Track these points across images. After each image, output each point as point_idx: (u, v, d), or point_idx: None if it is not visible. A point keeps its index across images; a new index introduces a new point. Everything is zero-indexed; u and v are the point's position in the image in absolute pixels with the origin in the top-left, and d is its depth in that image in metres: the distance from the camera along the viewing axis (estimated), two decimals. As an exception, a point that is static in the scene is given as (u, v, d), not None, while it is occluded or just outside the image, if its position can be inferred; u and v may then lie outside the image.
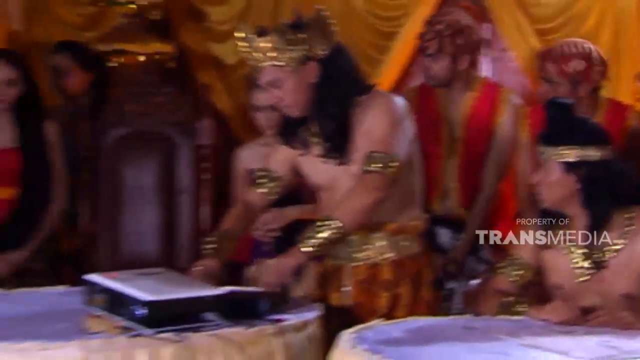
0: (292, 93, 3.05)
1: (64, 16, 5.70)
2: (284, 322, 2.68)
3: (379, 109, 3.09)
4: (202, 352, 2.49)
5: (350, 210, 3.00)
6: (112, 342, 2.45)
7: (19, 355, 2.38)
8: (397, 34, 5.06)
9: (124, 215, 5.06)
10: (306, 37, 3.02)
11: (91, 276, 2.71)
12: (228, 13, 5.50)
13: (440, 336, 2.40)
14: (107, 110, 5.10)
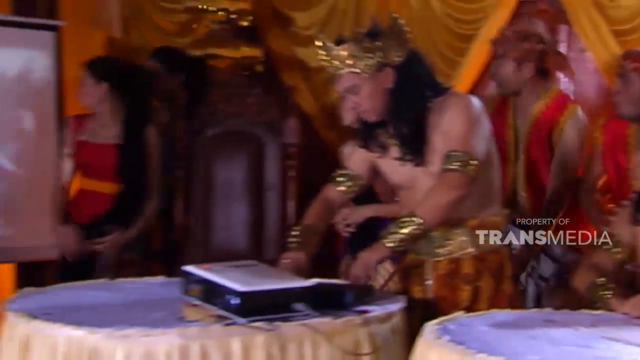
0: (368, 99, 3.04)
1: (159, 23, 5.78)
2: (369, 313, 2.69)
3: (456, 109, 3.06)
4: (292, 340, 2.51)
5: (431, 207, 2.97)
6: (208, 330, 2.48)
7: (122, 341, 2.42)
8: (475, 37, 5.00)
9: (215, 210, 5.10)
10: (382, 44, 3.01)
11: (188, 267, 2.74)
12: (312, 18, 5.51)
13: (521, 328, 2.37)
14: (200, 111, 5.16)
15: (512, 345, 2.17)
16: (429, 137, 3.04)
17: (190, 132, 5.06)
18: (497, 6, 4.98)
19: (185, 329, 2.47)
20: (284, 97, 5.21)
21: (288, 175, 5.02)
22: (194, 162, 5.08)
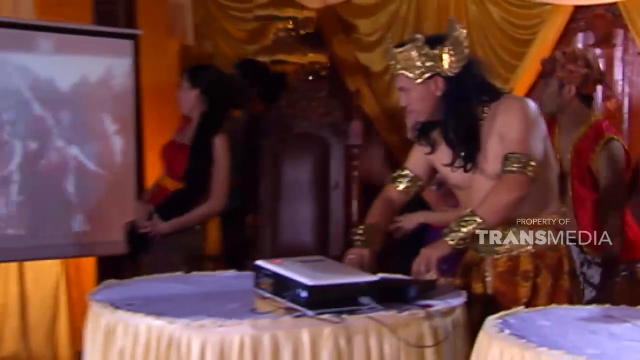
0: (417, 101, 3.04)
1: (230, 31, 5.83)
2: (432, 307, 2.67)
3: (512, 111, 3.02)
4: (358, 332, 2.51)
5: (491, 207, 2.95)
6: (279, 321, 2.49)
7: (198, 331, 2.45)
8: (533, 41, 4.95)
9: (283, 208, 5.13)
10: (438, 53, 2.99)
11: (259, 262, 2.76)
12: (374, 25, 5.52)
13: (581, 323, 2.34)
14: (269, 114, 5.20)
15: (572, 339, 2.14)
16: (484, 142, 3.02)
17: (259, 134, 5.11)
18: (554, 11, 4.93)
19: (257, 320, 2.48)
20: (348, 101, 5.22)
21: (352, 175, 5.03)
22: (263, 163, 5.12)
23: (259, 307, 2.65)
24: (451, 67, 3.00)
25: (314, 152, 5.14)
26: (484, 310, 2.85)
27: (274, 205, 5.12)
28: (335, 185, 5.07)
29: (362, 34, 5.54)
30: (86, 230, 4.84)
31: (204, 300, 2.79)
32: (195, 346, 2.44)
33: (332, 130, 5.10)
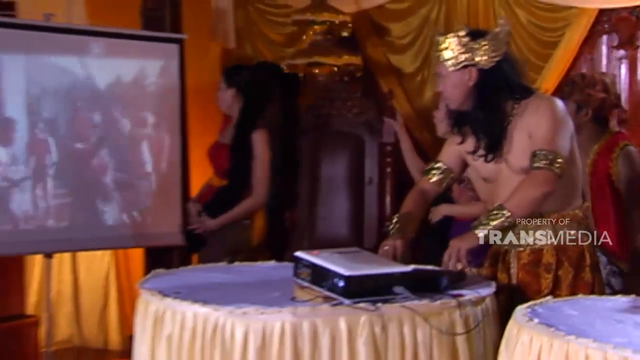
0: (450, 88, 3.06)
1: (269, 35, 5.85)
2: (463, 297, 2.67)
3: (541, 110, 3.01)
4: (392, 320, 2.50)
5: (519, 202, 2.93)
6: (317, 309, 2.49)
7: (241, 318, 2.46)
8: (558, 43, 4.91)
9: (320, 203, 5.14)
10: (477, 46, 2.99)
11: (299, 253, 2.76)
12: (406, 28, 5.49)
13: (607, 313, 2.31)
14: (306, 114, 5.21)
15: (599, 328, 2.12)
16: (512, 137, 3.01)
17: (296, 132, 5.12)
18: (579, 15, 4.87)
19: (297, 308, 2.49)
20: (381, 101, 5.21)
21: (385, 171, 5.02)
22: (301, 159, 5.12)
23: (298, 295, 2.65)
24: (486, 61, 2.99)
25: (349, 150, 5.14)
26: (509, 300, 2.86)
27: (312, 200, 5.13)
28: (370, 181, 5.07)
29: (394, 37, 5.52)
30: (137, 224, 4.86)
31: (246, 289, 2.81)
32: (238, 332, 2.46)
33: (367, 129, 5.10)
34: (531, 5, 5.04)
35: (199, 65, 5.22)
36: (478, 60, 3.00)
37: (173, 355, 2.57)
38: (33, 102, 4.59)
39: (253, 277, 3.05)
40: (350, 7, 5.44)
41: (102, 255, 5.86)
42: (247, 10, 5.89)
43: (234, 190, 4.30)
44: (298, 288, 2.69)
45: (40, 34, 4.66)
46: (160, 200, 4.90)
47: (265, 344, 2.44)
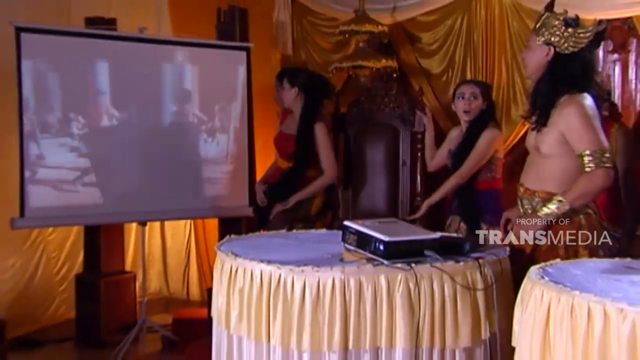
0: (531, 57, 3.02)
1: (320, 43, 5.83)
2: (483, 258, 2.64)
3: (568, 110, 2.88)
4: (424, 278, 2.49)
5: (577, 196, 2.83)
6: (362, 268, 2.49)
7: (299, 274, 2.47)
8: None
9: (363, 181, 5.13)
10: (563, 32, 2.92)
11: (347, 222, 2.76)
12: (434, 37, 5.42)
13: (607, 273, 2.26)
14: (351, 108, 5.19)
15: (599, 285, 2.08)
16: (551, 120, 2.91)
17: (344, 125, 5.12)
18: (581, 24, 4.75)
19: (345, 267, 2.48)
20: (413, 97, 5.17)
21: (417, 155, 4.99)
22: (348, 146, 5.12)
23: (346, 257, 2.65)
24: (565, 47, 2.92)
25: (387, 138, 5.11)
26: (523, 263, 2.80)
27: (357, 179, 5.12)
28: (403, 163, 5.05)
29: (424, 44, 5.45)
30: (214, 198, 4.91)
31: (303, 252, 2.80)
32: (297, 286, 2.47)
33: (401, 120, 5.06)
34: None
35: (263, 68, 5.23)
36: (559, 45, 2.92)
37: (244, 304, 2.59)
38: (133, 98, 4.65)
39: (308, 242, 3.05)
40: (387, 19, 5.39)
41: (184, 224, 5.94)
42: (302, 23, 5.87)
43: (299, 170, 4.26)
44: (346, 251, 2.69)
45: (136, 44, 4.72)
46: (232, 180, 4.94)
47: (319, 296, 2.45)
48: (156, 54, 4.79)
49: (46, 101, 4.39)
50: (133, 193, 4.59)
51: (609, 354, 1.86)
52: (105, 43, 4.57)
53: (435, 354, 2.52)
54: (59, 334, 4.95)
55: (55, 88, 4.43)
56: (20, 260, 4.98)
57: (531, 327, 2.08)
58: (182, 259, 6.01)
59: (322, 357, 2.48)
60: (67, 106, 4.45)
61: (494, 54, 5.06)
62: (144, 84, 4.70)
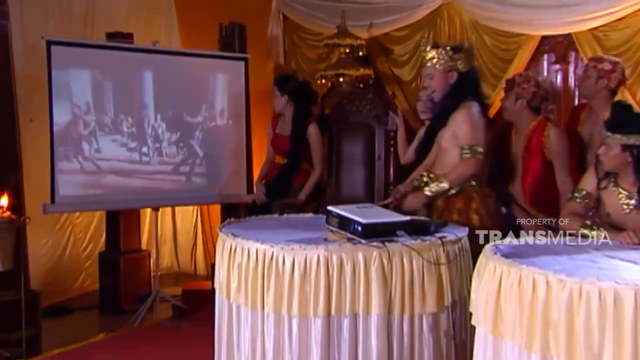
0: (437, 85, 3.21)
1: (307, 54, 5.78)
2: (445, 238, 2.64)
3: (464, 114, 3.14)
4: (395, 254, 2.49)
5: (455, 176, 3.13)
6: (343, 247, 2.49)
7: (290, 252, 2.46)
8: (513, 60, 4.79)
9: (344, 173, 5.10)
10: (457, 57, 3.16)
11: (330, 207, 2.75)
12: (405, 49, 5.37)
13: (549, 249, 2.27)
14: (334, 110, 5.17)
15: (543, 260, 2.09)
16: (449, 123, 3.16)
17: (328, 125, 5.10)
18: (527, 39, 4.75)
19: (328, 245, 2.49)
20: (387, 100, 5.15)
21: (390, 150, 4.97)
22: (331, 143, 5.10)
23: (329, 237, 2.65)
24: (463, 67, 3.16)
25: (364, 135, 5.06)
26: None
27: (338, 171, 5.09)
28: (379, 157, 5.02)
29: (396, 55, 5.41)
30: (217, 187, 4.88)
31: (293, 232, 2.80)
32: (288, 262, 2.46)
33: (377, 120, 5.04)
34: (493, 32, 4.92)
35: (259, 76, 5.19)
36: (458, 67, 3.15)
37: (242, 277, 2.58)
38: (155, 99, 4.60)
39: (298, 224, 3.05)
40: (364, 34, 5.35)
41: (192, 209, 5.91)
42: (292, 37, 5.82)
43: (293, 166, 4.27)
44: (329, 232, 2.69)
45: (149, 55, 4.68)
46: (232, 172, 4.91)
47: (306, 270, 2.45)
48: (167, 63, 4.74)
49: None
50: (149, 183, 4.56)
51: (550, 318, 1.88)
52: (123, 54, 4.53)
53: (405, 319, 2.53)
54: (85, 303, 4.93)
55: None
56: (51, 240, 4.97)
57: (485, 295, 2.09)
58: (190, 239, 5.98)
59: (308, 321, 2.47)
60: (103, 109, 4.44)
61: (456, 64, 5.05)
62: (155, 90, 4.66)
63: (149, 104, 4.62)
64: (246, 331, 2.62)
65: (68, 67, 4.29)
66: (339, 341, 2.48)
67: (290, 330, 2.49)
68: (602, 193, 2.73)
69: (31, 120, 4.47)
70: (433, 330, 2.58)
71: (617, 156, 2.62)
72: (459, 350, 2.65)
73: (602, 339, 1.79)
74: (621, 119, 2.64)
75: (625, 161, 2.61)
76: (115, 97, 4.48)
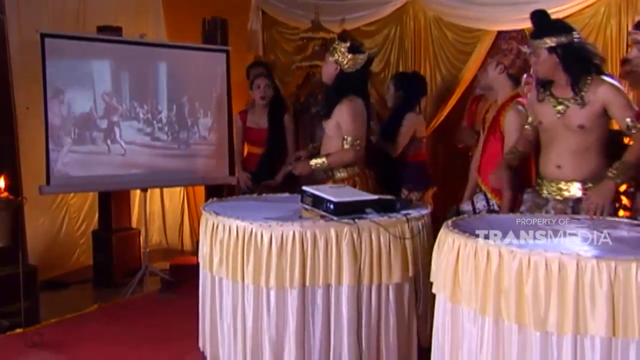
0: (325, 70, 3.38)
1: (284, 47, 5.73)
2: (410, 214, 2.65)
3: (347, 107, 3.23)
4: (364, 230, 2.51)
5: (332, 161, 3.31)
6: (316, 223, 2.49)
7: (267, 228, 2.46)
8: (472, 52, 4.81)
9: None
10: (347, 56, 3.27)
11: (305, 187, 2.75)
12: (374, 43, 5.32)
13: (502, 225, 2.24)
14: (308, 99, 5.13)
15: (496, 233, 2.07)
16: (333, 113, 3.29)
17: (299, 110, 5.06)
18: (485, 34, 4.78)
19: (303, 222, 2.49)
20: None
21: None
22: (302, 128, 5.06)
23: (304, 215, 2.65)
24: (347, 67, 3.27)
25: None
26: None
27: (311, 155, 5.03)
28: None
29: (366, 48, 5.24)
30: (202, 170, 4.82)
31: (270, 211, 2.79)
32: (265, 237, 2.46)
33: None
34: (455, 27, 4.93)
35: (239, 67, 5.11)
36: (343, 64, 3.26)
37: (224, 252, 2.57)
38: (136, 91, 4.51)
39: (275, 203, 3.04)
40: (337, 28, 5.30)
41: (179, 191, 5.86)
42: (270, 31, 5.76)
43: (273, 154, 4.27)
44: (304, 210, 2.69)
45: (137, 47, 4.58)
46: (215, 156, 4.85)
47: (283, 245, 2.45)
48: (154, 55, 4.66)
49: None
50: (138, 166, 4.50)
51: (502, 285, 1.90)
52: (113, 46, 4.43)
53: (373, 288, 2.55)
54: (80, 277, 4.87)
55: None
56: (48, 219, 4.89)
57: (445, 266, 2.10)
58: (177, 217, 5.93)
59: (285, 292, 2.48)
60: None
61: (420, 56, 5.05)
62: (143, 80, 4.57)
63: (136, 93, 4.54)
64: (228, 301, 2.62)
65: (61, 58, 4.19)
66: (313, 310, 2.49)
67: (269, 300, 2.49)
68: (539, 106, 2.76)
69: (27, 107, 4.37)
70: (398, 298, 2.61)
71: (545, 60, 2.64)
72: (421, 320, 2.68)
73: (547, 303, 1.82)
74: (540, 25, 2.68)
75: (554, 63, 2.62)
76: (105, 85, 4.39)
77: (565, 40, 2.61)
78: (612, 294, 1.75)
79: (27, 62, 4.30)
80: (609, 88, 2.60)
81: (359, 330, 2.50)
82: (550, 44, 2.61)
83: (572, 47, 2.61)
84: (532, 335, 1.84)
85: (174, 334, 3.31)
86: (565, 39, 2.61)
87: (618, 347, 1.78)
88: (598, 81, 2.62)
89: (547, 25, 2.68)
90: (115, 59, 4.43)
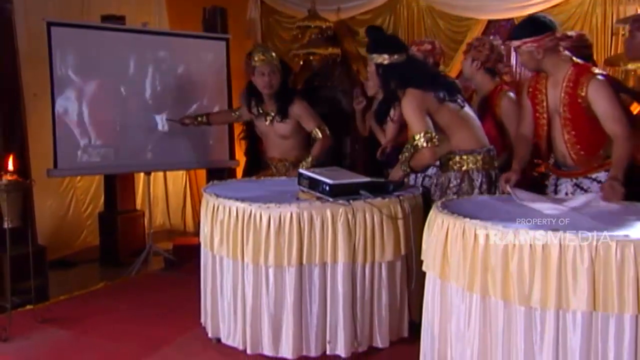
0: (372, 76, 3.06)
1: (282, 35, 5.70)
2: (402, 195, 2.66)
3: (299, 105, 3.45)
4: (359, 210, 2.52)
5: (317, 152, 3.40)
6: (313, 204, 2.50)
7: (266, 209, 2.47)
8: (463, 40, 4.78)
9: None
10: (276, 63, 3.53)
11: (301, 170, 2.75)
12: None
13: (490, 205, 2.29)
14: (305, 85, 5.11)
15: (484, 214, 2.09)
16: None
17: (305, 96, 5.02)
18: (476, 23, 4.78)
19: (300, 203, 2.50)
20: (353, 76, 5.12)
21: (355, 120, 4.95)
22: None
23: (301, 196, 2.66)
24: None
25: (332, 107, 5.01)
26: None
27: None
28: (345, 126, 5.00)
29: (361, 37, 5.35)
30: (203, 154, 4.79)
31: (268, 193, 2.81)
32: (264, 218, 2.47)
33: (344, 93, 5.00)
34: (447, 16, 4.92)
35: (238, 54, 5.07)
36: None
37: (224, 232, 2.58)
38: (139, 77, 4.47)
39: (273, 186, 3.04)
40: (333, 17, 5.30)
41: (182, 173, 5.85)
42: (269, 20, 5.73)
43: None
44: (301, 192, 2.69)
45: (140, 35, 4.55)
46: (216, 140, 4.83)
47: (281, 225, 2.46)
48: (157, 42, 4.62)
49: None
50: (142, 150, 4.49)
51: (489, 263, 1.91)
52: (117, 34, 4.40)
53: (367, 266, 2.57)
54: (87, 257, 4.89)
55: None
56: (56, 201, 4.89)
57: (434, 245, 2.12)
58: (180, 200, 5.94)
59: (283, 270, 2.50)
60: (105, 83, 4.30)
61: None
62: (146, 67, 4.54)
63: (140, 80, 4.50)
64: (228, 279, 2.63)
65: (67, 46, 4.15)
66: (310, 287, 2.51)
67: (267, 278, 2.51)
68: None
69: (35, 94, 4.35)
70: (391, 275, 2.63)
71: (372, 73, 2.80)
72: (412, 296, 2.70)
73: (532, 280, 1.84)
74: (372, 41, 2.78)
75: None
76: (109, 73, 4.35)
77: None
78: (592, 271, 1.77)
79: (34, 50, 4.27)
80: None
81: (354, 306, 2.52)
82: (376, 60, 2.74)
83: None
84: (517, 311, 1.86)
85: (176, 310, 3.33)
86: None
87: (598, 321, 1.80)
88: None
89: (377, 42, 2.77)
90: (118, 46, 4.40)
